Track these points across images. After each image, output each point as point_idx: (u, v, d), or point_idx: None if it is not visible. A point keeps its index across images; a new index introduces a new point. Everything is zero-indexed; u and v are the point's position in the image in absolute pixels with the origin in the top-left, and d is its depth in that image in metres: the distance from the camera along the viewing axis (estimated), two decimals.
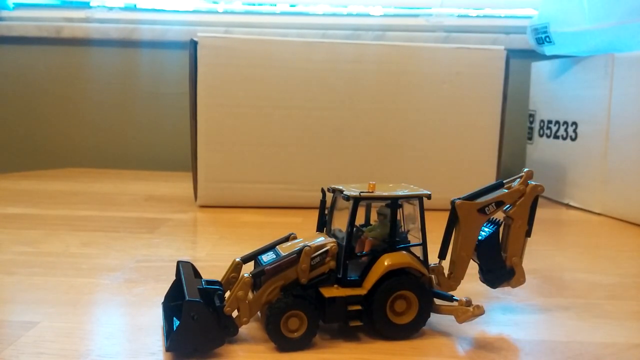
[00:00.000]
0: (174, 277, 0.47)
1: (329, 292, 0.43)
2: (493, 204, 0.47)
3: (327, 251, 0.44)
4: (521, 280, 0.50)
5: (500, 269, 0.49)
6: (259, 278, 0.43)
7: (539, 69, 1.18)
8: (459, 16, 1.38)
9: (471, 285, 0.52)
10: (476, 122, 0.98)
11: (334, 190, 0.47)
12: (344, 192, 0.45)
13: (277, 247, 0.47)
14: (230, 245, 0.73)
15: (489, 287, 0.50)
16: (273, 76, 0.94)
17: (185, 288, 0.42)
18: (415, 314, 0.44)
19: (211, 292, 0.44)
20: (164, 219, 0.86)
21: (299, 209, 0.95)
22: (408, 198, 0.46)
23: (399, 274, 0.44)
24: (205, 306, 0.40)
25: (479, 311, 0.43)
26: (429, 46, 0.99)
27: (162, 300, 0.46)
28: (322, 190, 0.48)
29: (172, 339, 0.40)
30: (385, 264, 0.44)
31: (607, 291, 0.58)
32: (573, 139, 1.06)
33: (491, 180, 0.95)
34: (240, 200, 0.96)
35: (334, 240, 0.45)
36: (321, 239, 0.45)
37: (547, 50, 1.06)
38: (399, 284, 0.44)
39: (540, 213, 0.49)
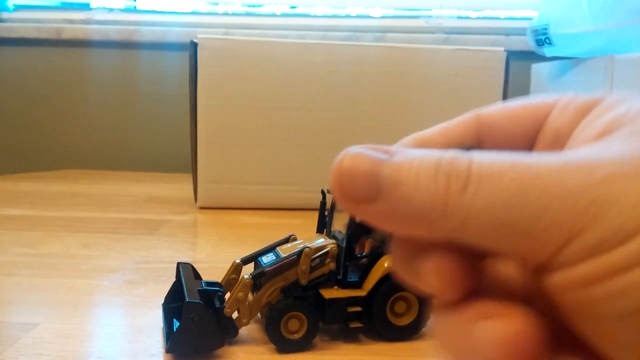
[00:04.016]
0: (174, 279, 0.47)
1: (329, 293, 0.43)
2: None
3: (327, 252, 0.44)
4: None
5: None
6: (259, 279, 0.43)
7: (539, 70, 1.18)
8: (458, 18, 1.38)
9: None
10: None
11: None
12: None
13: (277, 248, 0.47)
14: (230, 246, 0.73)
15: None
16: (273, 77, 0.94)
17: (185, 289, 0.42)
18: (415, 315, 0.44)
19: (211, 294, 0.44)
20: (164, 220, 0.86)
21: (299, 210, 0.95)
22: None
23: None
24: (205, 307, 0.40)
25: None
26: (429, 48, 0.99)
27: (162, 301, 0.46)
28: (322, 192, 0.48)
29: (172, 340, 0.40)
30: (385, 265, 0.44)
31: None
32: None
33: None
34: (240, 201, 0.96)
35: (334, 241, 0.45)
36: (321, 241, 0.45)
37: (547, 51, 1.06)
38: (399, 286, 0.44)
39: None
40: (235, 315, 0.42)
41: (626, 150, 0.13)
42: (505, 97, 0.98)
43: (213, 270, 0.51)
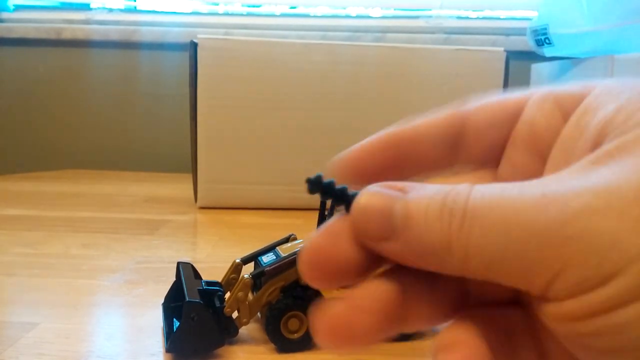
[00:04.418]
0: (174, 278, 0.47)
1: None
2: None
3: None
4: None
5: None
6: (259, 279, 0.43)
7: (538, 70, 1.18)
8: (458, 18, 1.38)
9: None
10: None
11: None
12: None
13: (277, 248, 0.47)
14: (230, 246, 0.73)
15: None
16: (273, 78, 0.94)
17: (185, 289, 0.42)
18: None
19: (211, 293, 0.44)
20: (164, 220, 0.86)
21: (299, 210, 0.95)
22: None
23: None
24: (205, 307, 0.40)
25: None
26: (429, 48, 0.99)
27: (162, 301, 0.46)
28: None
29: (172, 340, 0.40)
30: None
31: None
32: None
33: None
34: (241, 201, 0.96)
35: None
36: None
37: (547, 51, 1.06)
38: None
39: None
40: (235, 314, 0.42)
41: (605, 177, 0.13)
42: None
43: (213, 270, 0.51)
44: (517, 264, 0.13)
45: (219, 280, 0.46)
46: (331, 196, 0.17)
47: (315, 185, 0.17)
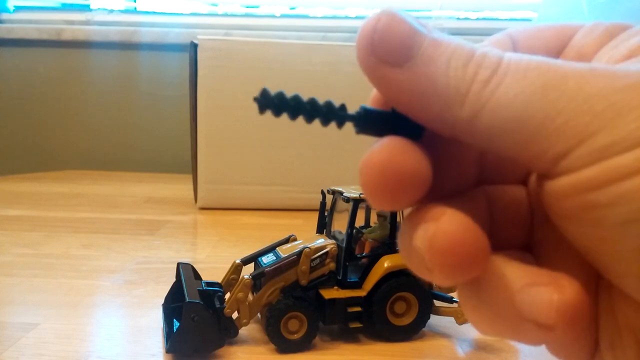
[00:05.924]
0: (174, 279, 0.47)
1: (329, 293, 0.43)
2: None
3: (327, 253, 0.44)
4: None
5: None
6: (259, 280, 0.43)
7: None
8: (458, 19, 1.38)
9: None
10: None
11: (333, 192, 0.48)
12: (344, 194, 0.45)
13: (277, 248, 0.47)
14: (230, 247, 0.73)
15: None
16: (273, 78, 0.94)
17: (185, 290, 0.42)
18: (415, 316, 0.44)
19: (211, 294, 0.44)
20: (164, 220, 0.86)
21: (299, 211, 0.95)
22: None
23: (399, 275, 0.44)
24: (206, 308, 0.40)
25: None
26: None
27: (162, 301, 0.47)
28: (322, 192, 0.48)
29: (172, 340, 0.40)
30: (385, 265, 0.44)
31: None
32: None
33: None
34: (240, 202, 0.96)
35: (333, 242, 0.45)
36: (321, 241, 0.45)
37: None
38: (398, 286, 0.44)
39: None
40: (235, 315, 0.42)
41: None
42: None
43: (213, 271, 0.51)
44: (542, 126, 0.12)
45: (219, 280, 0.46)
46: (296, 110, 0.14)
47: (266, 100, 0.14)
